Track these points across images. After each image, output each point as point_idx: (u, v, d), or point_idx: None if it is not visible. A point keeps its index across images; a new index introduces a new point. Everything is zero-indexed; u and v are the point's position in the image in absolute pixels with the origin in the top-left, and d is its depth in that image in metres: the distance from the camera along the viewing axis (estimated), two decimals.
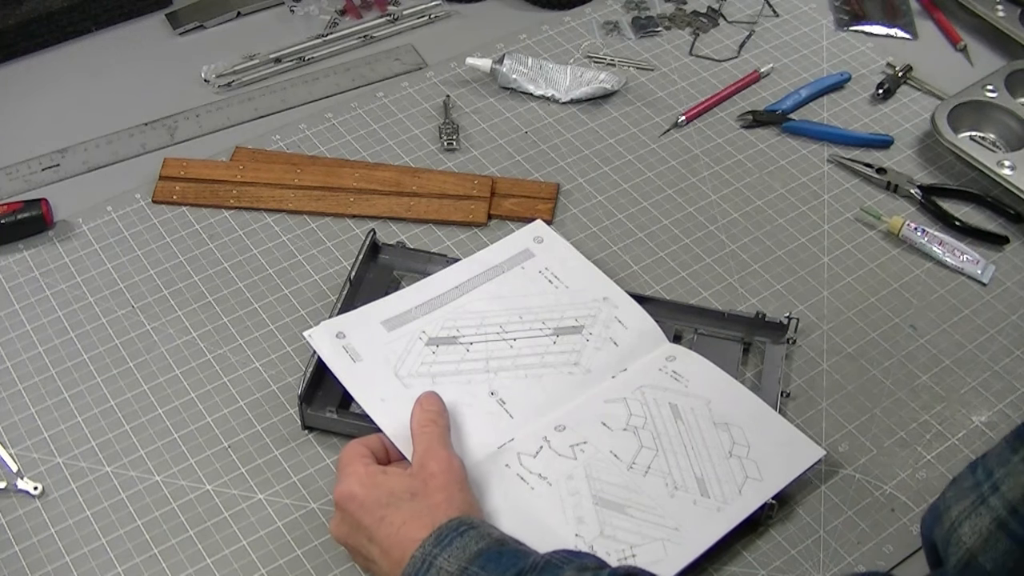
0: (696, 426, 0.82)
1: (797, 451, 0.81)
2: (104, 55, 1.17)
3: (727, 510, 0.78)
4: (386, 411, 0.81)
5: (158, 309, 0.94)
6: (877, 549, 0.80)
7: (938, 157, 1.07)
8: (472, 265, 0.91)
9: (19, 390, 0.88)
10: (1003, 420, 0.88)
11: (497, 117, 1.10)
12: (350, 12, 1.22)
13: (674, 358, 0.86)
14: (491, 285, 0.90)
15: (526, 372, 0.84)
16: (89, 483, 0.83)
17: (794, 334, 0.91)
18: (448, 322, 0.87)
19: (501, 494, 0.77)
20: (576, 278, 0.91)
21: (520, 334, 0.86)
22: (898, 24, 1.21)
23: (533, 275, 0.91)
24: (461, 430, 0.81)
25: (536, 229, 0.95)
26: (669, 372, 0.85)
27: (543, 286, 0.90)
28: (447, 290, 0.89)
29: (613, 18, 1.21)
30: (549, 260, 0.92)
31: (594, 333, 0.87)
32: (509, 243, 0.94)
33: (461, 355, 0.85)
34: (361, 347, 0.85)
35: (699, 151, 1.08)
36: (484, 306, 0.88)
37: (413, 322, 0.87)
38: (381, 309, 0.88)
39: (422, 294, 0.89)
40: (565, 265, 0.92)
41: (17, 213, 0.97)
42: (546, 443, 0.80)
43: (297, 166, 1.04)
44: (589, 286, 0.90)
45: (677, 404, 0.83)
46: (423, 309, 0.88)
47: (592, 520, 0.76)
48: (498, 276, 0.90)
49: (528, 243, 0.94)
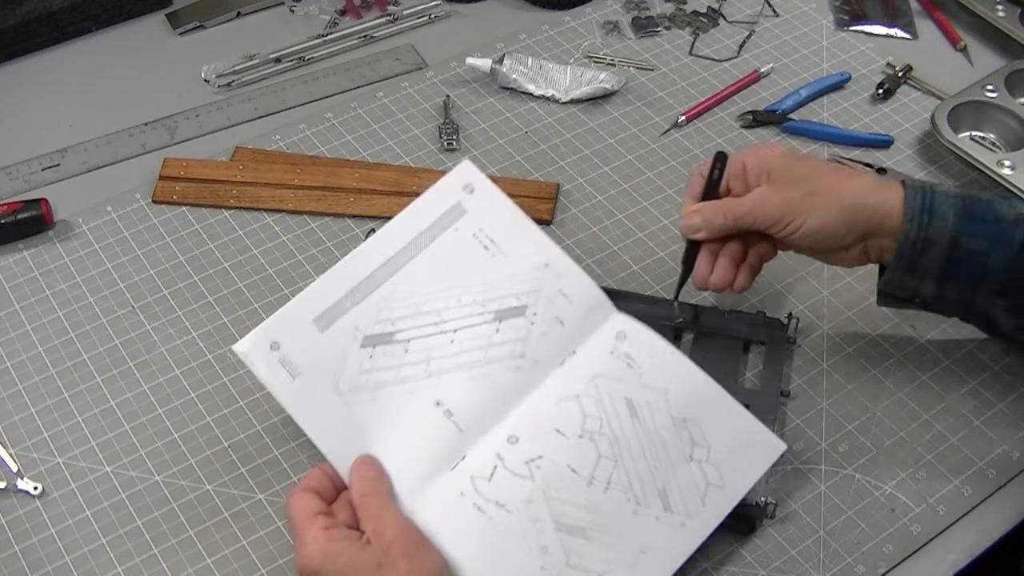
0: (654, 426, 0.78)
1: (757, 447, 0.78)
2: (104, 55, 1.17)
3: (691, 525, 0.75)
4: (329, 437, 0.77)
5: (158, 309, 0.94)
6: (877, 549, 0.80)
7: (938, 157, 1.07)
8: (401, 230, 0.83)
9: (19, 390, 0.88)
10: (1003, 419, 0.88)
11: (497, 117, 1.10)
12: (350, 12, 1.22)
13: (624, 335, 0.81)
14: (422, 258, 0.82)
15: (470, 372, 0.79)
16: (89, 483, 0.83)
17: (794, 334, 0.91)
18: (382, 312, 0.80)
19: (461, 531, 0.74)
20: (513, 240, 0.83)
21: (460, 323, 0.80)
22: (898, 24, 1.21)
23: (467, 240, 0.82)
24: (411, 453, 0.76)
25: (465, 174, 0.84)
26: (621, 356, 0.80)
27: (479, 254, 0.82)
28: (377, 267, 0.81)
29: (613, 18, 1.21)
30: (482, 217, 0.83)
31: (538, 313, 0.81)
32: (438, 195, 0.84)
33: (400, 358, 0.79)
34: (297, 357, 0.78)
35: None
36: (418, 287, 0.81)
37: (346, 315, 0.80)
38: (311, 302, 0.80)
39: (351, 275, 0.81)
40: (499, 221, 0.83)
41: (17, 213, 0.97)
42: (500, 461, 0.76)
43: (297, 166, 1.04)
44: (527, 250, 0.83)
45: (632, 399, 0.79)
46: (354, 297, 0.80)
47: (556, 549, 0.73)
48: (430, 244, 0.82)
49: (459, 194, 0.84)
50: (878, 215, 0.80)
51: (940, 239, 0.79)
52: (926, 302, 0.83)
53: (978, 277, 0.80)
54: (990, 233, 0.79)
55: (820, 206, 0.80)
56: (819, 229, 0.80)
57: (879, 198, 0.80)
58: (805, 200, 0.80)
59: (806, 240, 0.81)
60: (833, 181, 0.81)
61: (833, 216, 0.80)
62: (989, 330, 0.87)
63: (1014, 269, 0.79)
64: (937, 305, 0.84)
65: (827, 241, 0.81)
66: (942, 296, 0.82)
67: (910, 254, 0.80)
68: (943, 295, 0.82)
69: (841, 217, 0.80)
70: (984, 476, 0.84)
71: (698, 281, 0.85)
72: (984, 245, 0.79)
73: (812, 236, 0.81)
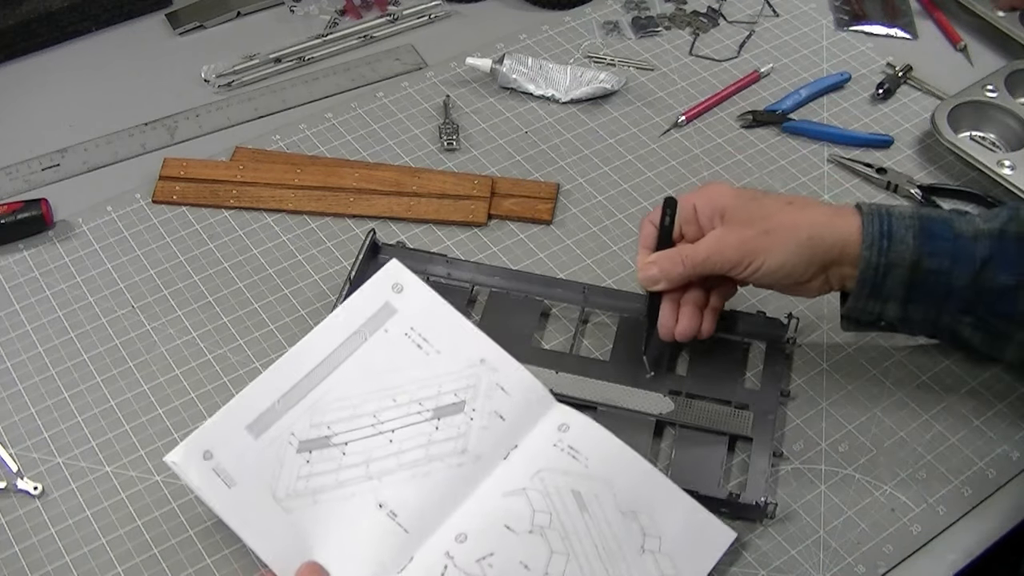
0: (604, 518, 0.76)
1: (708, 535, 0.78)
2: (104, 55, 1.17)
3: None
4: (270, 545, 0.74)
5: (158, 309, 0.94)
6: (877, 549, 0.80)
7: (938, 157, 1.07)
8: (331, 333, 0.81)
9: (19, 390, 0.88)
10: (1003, 419, 0.88)
11: (497, 117, 1.10)
12: (350, 12, 1.22)
13: (567, 427, 0.79)
14: (354, 360, 0.80)
15: (412, 471, 0.77)
16: (89, 483, 0.83)
17: (794, 334, 0.91)
18: (317, 416, 0.78)
19: None
20: (446, 337, 0.82)
21: (397, 423, 0.78)
22: (898, 24, 1.21)
23: (398, 340, 0.81)
24: (356, 558, 0.74)
25: (393, 273, 0.84)
26: (565, 448, 0.78)
27: (412, 353, 0.81)
28: (309, 371, 0.79)
29: (613, 18, 1.21)
30: (413, 316, 0.82)
31: (477, 408, 0.79)
32: (367, 296, 0.83)
33: (338, 461, 0.77)
34: (232, 466, 0.76)
35: (699, 151, 1.08)
36: (352, 389, 0.79)
37: (280, 420, 0.78)
38: (244, 407, 0.78)
39: (283, 381, 0.79)
40: (431, 320, 0.82)
41: (17, 213, 0.97)
42: (450, 561, 0.74)
43: (297, 166, 1.04)
44: (462, 346, 0.81)
45: (580, 491, 0.77)
46: (287, 402, 0.78)
47: None
48: (360, 346, 0.80)
49: (387, 294, 0.83)
50: (837, 245, 0.80)
51: (901, 263, 0.79)
52: (891, 324, 0.84)
53: (942, 296, 0.80)
54: (949, 251, 0.79)
55: (777, 244, 0.79)
56: (779, 267, 0.80)
57: (836, 228, 0.80)
58: (762, 239, 0.80)
59: (767, 279, 0.81)
60: (788, 217, 0.80)
61: (792, 252, 0.79)
62: (957, 345, 0.87)
63: (977, 286, 0.79)
64: (903, 326, 0.84)
65: (788, 277, 0.81)
66: (907, 317, 0.82)
67: (872, 280, 0.80)
68: (908, 316, 0.82)
69: (800, 252, 0.79)
70: (984, 476, 0.84)
71: (664, 333, 0.84)
72: (945, 264, 0.79)
73: (773, 275, 0.80)
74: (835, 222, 0.80)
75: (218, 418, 0.78)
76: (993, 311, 0.80)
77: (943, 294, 0.80)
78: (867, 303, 0.81)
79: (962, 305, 0.80)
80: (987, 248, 0.79)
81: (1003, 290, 0.79)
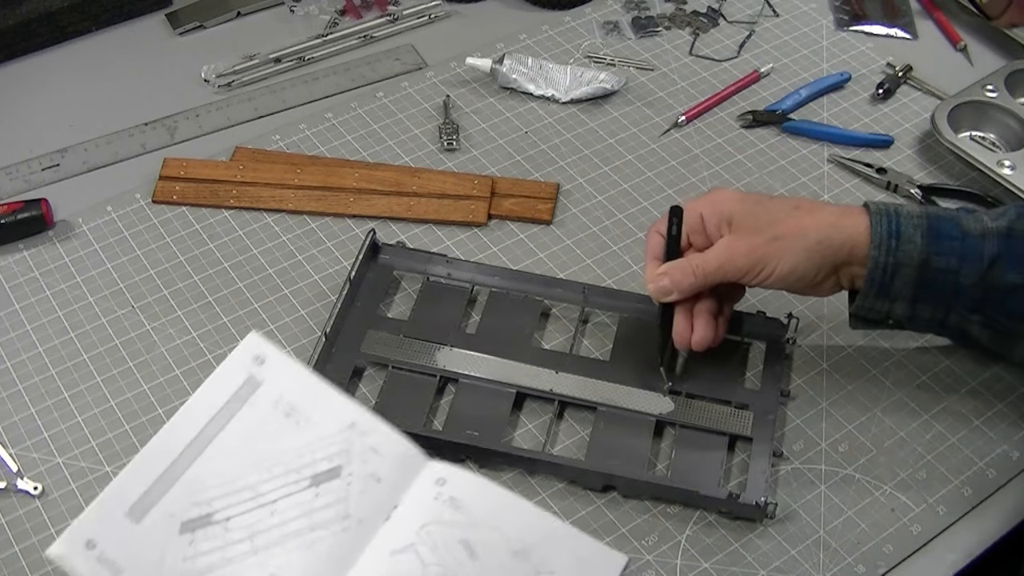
0: (497, 562, 0.75)
1: (600, 563, 0.76)
2: (104, 55, 1.17)
3: None
4: None
5: (158, 309, 0.94)
6: (877, 549, 0.80)
7: (938, 157, 1.07)
8: (197, 412, 0.79)
9: (19, 390, 0.88)
10: (1003, 419, 0.88)
11: (497, 117, 1.10)
12: (350, 12, 1.22)
13: (444, 480, 0.78)
14: (226, 435, 0.78)
15: (297, 541, 0.75)
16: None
17: (794, 334, 0.91)
18: (195, 496, 0.76)
19: None
20: (314, 405, 0.80)
21: (277, 493, 0.77)
22: (898, 24, 1.21)
23: (267, 411, 0.79)
24: None
25: (253, 346, 0.81)
26: (446, 500, 0.77)
27: (282, 423, 0.79)
28: (181, 451, 0.77)
29: (613, 18, 1.21)
30: (279, 386, 0.80)
31: (353, 472, 0.78)
32: (229, 373, 0.81)
33: (223, 538, 0.75)
34: (117, 553, 0.73)
35: (699, 151, 1.08)
36: (227, 464, 0.77)
37: (159, 503, 0.75)
38: (120, 493, 0.76)
39: (156, 463, 0.77)
40: (297, 388, 0.80)
41: (17, 213, 0.97)
42: None
43: (297, 166, 1.04)
44: (331, 413, 0.80)
45: (468, 539, 0.76)
46: (164, 483, 0.76)
47: None
48: (230, 421, 0.79)
49: (249, 367, 0.80)
50: (846, 246, 0.80)
51: (910, 262, 0.79)
52: (899, 322, 0.84)
53: (950, 295, 0.80)
54: (957, 249, 0.79)
55: (787, 250, 0.80)
56: (790, 272, 0.80)
57: (844, 229, 0.80)
58: (772, 245, 0.80)
59: (778, 284, 0.81)
60: (796, 222, 0.81)
61: (802, 257, 0.80)
62: (966, 344, 0.87)
63: (986, 285, 0.79)
64: (911, 324, 0.84)
65: (800, 281, 0.81)
66: (915, 316, 0.82)
67: (880, 279, 0.80)
68: (916, 315, 0.82)
69: (810, 257, 0.80)
70: (984, 476, 0.84)
71: (680, 343, 0.84)
72: (953, 263, 0.79)
73: (784, 280, 0.81)
74: (843, 223, 0.80)
75: (96, 506, 0.75)
76: (1002, 309, 0.81)
77: (951, 293, 0.80)
78: (875, 302, 0.82)
79: (970, 304, 0.81)
80: (995, 246, 0.79)
81: (1011, 288, 0.79)
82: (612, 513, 0.82)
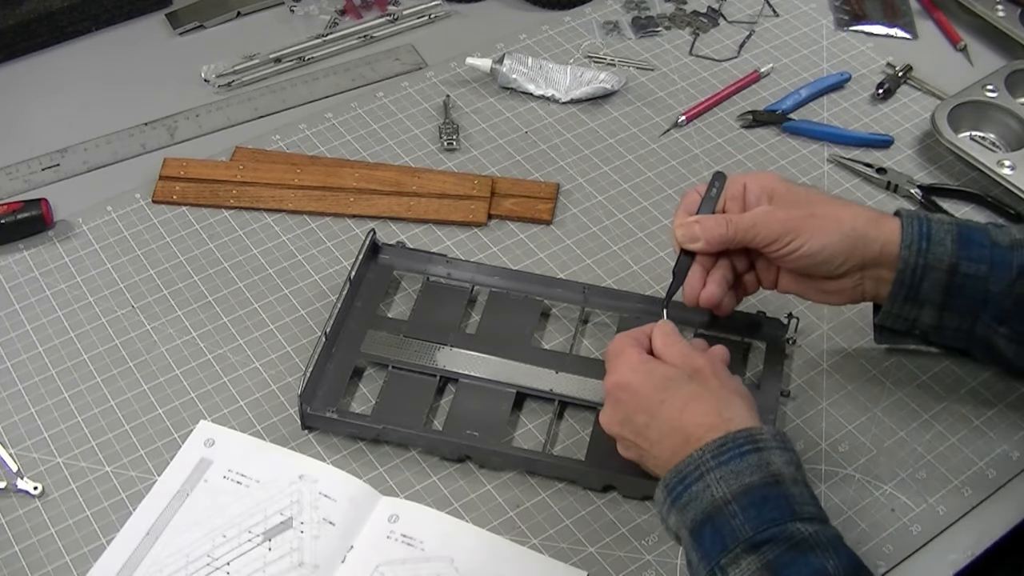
0: None
1: None
2: (104, 55, 1.17)
3: None
4: None
5: (158, 309, 0.94)
6: (877, 549, 0.80)
7: (938, 157, 1.07)
8: (156, 501, 0.82)
9: (19, 390, 0.88)
10: (1003, 420, 0.88)
11: (497, 117, 1.10)
12: (350, 12, 1.22)
13: (396, 516, 0.80)
14: (181, 515, 0.81)
15: None
16: (89, 483, 0.83)
17: (794, 334, 0.91)
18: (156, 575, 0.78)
19: None
20: (262, 466, 0.83)
21: (231, 555, 0.79)
22: (898, 24, 1.21)
23: (219, 484, 0.82)
24: None
25: (202, 432, 0.85)
26: (398, 538, 0.79)
27: (234, 491, 0.82)
28: (140, 540, 0.80)
29: (613, 18, 1.21)
30: (228, 460, 0.84)
31: (305, 520, 0.80)
32: (181, 462, 0.84)
33: None
34: None
35: (699, 151, 1.08)
36: (183, 540, 0.80)
37: None
38: None
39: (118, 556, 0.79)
40: (244, 455, 0.84)
41: (17, 213, 0.97)
42: None
43: (297, 166, 1.04)
44: (278, 470, 0.83)
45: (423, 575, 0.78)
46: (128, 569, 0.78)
47: None
48: (184, 502, 0.82)
49: (200, 451, 0.84)
50: (877, 243, 0.80)
51: (939, 265, 0.79)
52: (925, 333, 0.83)
53: (979, 303, 0.80)
54: (987, 257, 0.79)
55: (822, 229, 0.80)
56: (819, 251, 0.80)
57: (879, 227, 0.80)
58: (807, 220, 0.80)
59: (803, 261, 0.80)
60: (834, 208, 0.81)
61: (835, 240, 0.80)
62: (990, 358, 0.86)
63: (1015, 294, 0.79)
64: (936, 335, 0.83)
65: (824, 265, 0.81)
66: (942, 325, 0.82)
67: (910, 281, 0.80)
68: (943, 324, 0.82)
69: (843, 241, 0.80)
70: (984, 476, 0.84)
71: (688, 296, 0.83)
72: (983, 270, 0.79)
73: (811, 257, 0.80)
74: (879, 221, 0.81)
75: None
76: None
77: (980, 301, 0.80)
78: (903, 307, 0.81)
79: (998, 313, 0.80)
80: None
81: None
82: (612, 513, 0.82)
